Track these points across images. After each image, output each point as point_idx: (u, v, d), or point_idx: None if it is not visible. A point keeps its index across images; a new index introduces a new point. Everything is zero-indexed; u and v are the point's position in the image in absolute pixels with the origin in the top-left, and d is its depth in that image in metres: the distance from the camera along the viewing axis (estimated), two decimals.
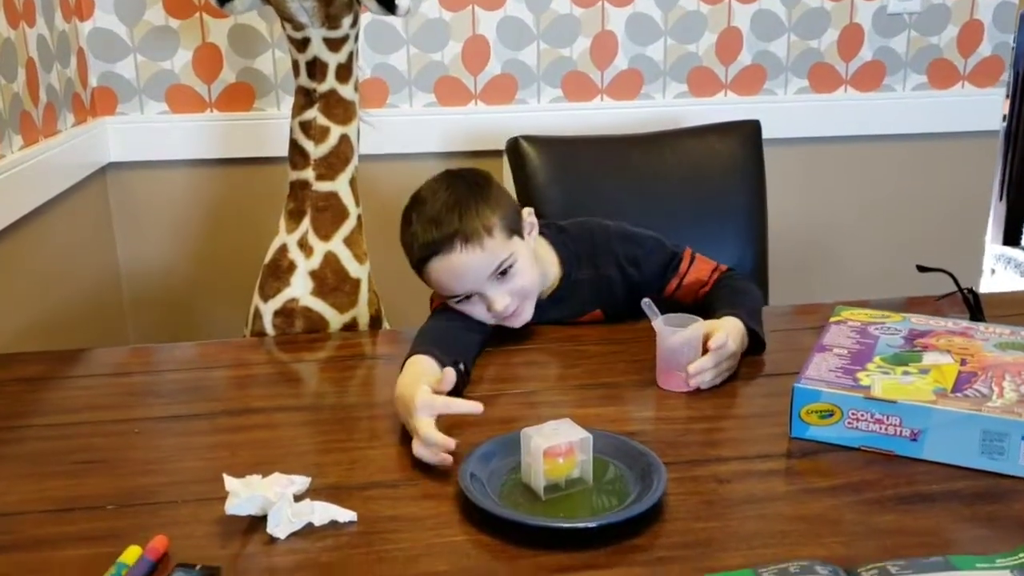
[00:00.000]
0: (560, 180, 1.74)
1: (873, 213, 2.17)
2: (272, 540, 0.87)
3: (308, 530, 0.88)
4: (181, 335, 2.03)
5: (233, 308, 1.71)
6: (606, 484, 0.94)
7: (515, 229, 1.28)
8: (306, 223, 1.44)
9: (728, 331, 1.17)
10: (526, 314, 1.32)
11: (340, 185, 1.45)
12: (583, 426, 0.97)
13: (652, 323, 1.16)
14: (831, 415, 1.02)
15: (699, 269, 1.39)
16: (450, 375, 1.04)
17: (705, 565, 0.82)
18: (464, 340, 1.25)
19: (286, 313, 1.43)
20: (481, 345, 1.29)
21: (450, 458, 0.97)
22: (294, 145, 1.46)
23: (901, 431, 0.99)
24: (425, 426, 0.98)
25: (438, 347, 1.17)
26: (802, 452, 1.02)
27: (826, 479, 0.97)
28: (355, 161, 1.47)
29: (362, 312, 1.47)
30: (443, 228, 1.21)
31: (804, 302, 1.56)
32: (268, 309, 1.44)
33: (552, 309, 1.38)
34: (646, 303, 1.16)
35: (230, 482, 0.89)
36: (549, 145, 1.75)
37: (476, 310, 1.28)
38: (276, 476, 0.94)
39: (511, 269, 1.26)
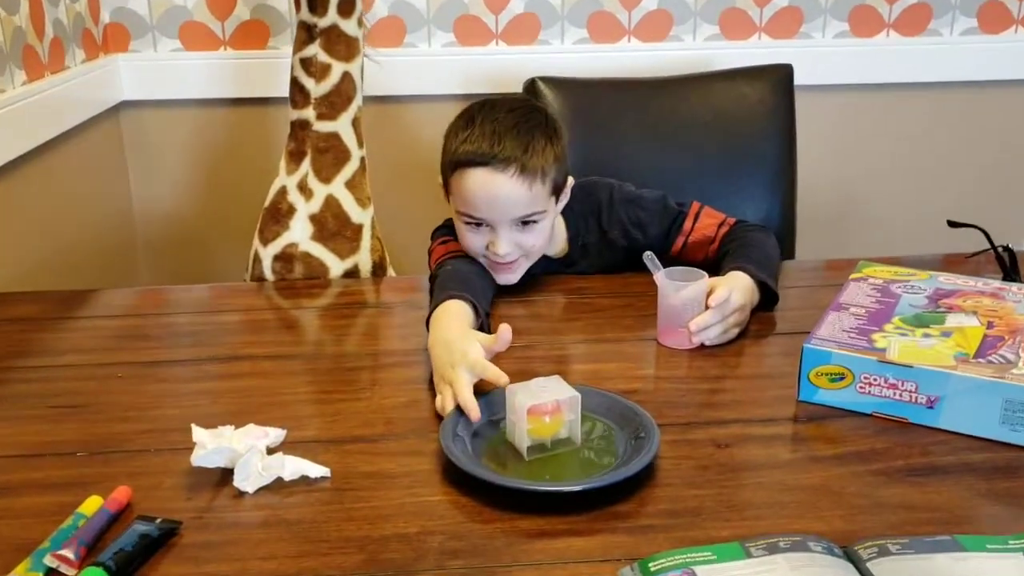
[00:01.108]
0: (579, 124, 1.65)
1: (913, 166, 2.06)
2: (240, 494, 0.83)
3: (279, 485, 0.85)
4: (195, 277, 2.01)
5: (248, 250, 1.68)
6: (595, 445, 0.89)
7: (558, 190, 1.23)
8: (306, 165, 1.39)
9: (733, 286, 1.11)
10: (515, 274, 1.26)
11: (342, 125, 1.39)
12: (576, 383, 0.91)
13: (654, 277, 1.10)
14: (842, 378, 0.96)
15: (705, 225, 1.32)
16: (505, 336, 0.96)
17: (691, 536, 0.77)
18: (485, 288, 1.20)
19: (285, 258, 1.39)
20: (493, 294, 1.25)
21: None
22: (294, 83, 1.40)
23: (917, 397, 0.93)
24: (465, 386, 0.93)
25: (471, 293, 1.12)
26: (809, 417, 0.96)
27: (833, 446, 0.91)
28: (358, 100, 1.41)
29: (364, 259, 1.42)
30: (506, 147, 1.16)
31: (834, 258, 1.47)
32: (267, 254, 1.39)
33: (564, 271, 1.34)
34: (648, 256, 1.10)
35: (198, 432, 0.86)
36: (568, 87, 1.68)
37: (475, 240, 1.22)
38: (250, 427, 0.90)
39: (534, 224, 1.21)
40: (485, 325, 1.11)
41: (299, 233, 1.38)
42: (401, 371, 1.08)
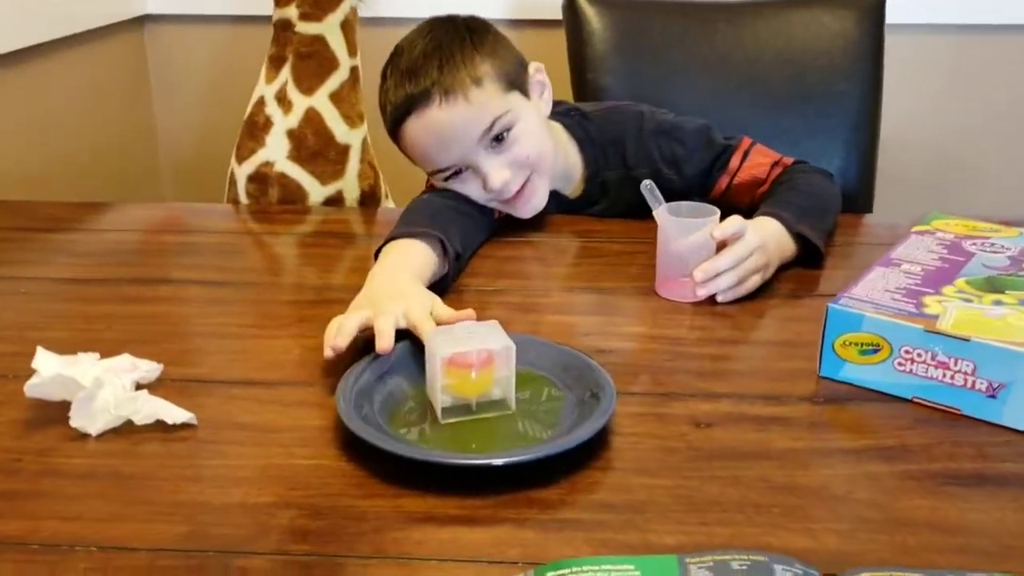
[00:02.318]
0: (624, 51, 1.44)
1: None
2: (83, 436, 0.67)
3: (132, 429, 0.68)
4: (219, 198, 1.89)
5: None
6: (537, 411, 0.70)
7: (515, 83, 1.02)
8: (286, 72, 1.21)
9: (757, 229, 0.89)
10: (537, 197, 1.06)
11: (328, 28, 1.21)
12: (542, 337, 0.73)
13: (654, 213, 0.88)
14: (877, 350, 0.73)
15: (756, 164, 1.10)
16: (468, 314, 0.77)
17: (622, 539, 0.57)
18: (463, 225, 1.00)
19: (259, 178, 1.22)
20: (483, 236, 1.05)
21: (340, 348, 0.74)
22: None
23: (974, 382, 0.69)
24: (389, 314, 0.75)
25: (439, 228, 0.93)
26: (829, 397, 0.74)
27: (852, 437, 0.69)
28: (351, 1, 1.23)
29: (350, 185, 1.24)
30: (418, 80, 0.97)
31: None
32: (242, 173, 1.23)
33: (580, 212, 1.14)
34: (647, 186, 0.89)
35: (42, 357, 0.70)
36: (615, 8, 1.46)
37: (470, 189, 1.03)
38: (122, 358, 0.74)
39: (509, 133, 1.00)
40: (452, 269, 0.93)
41: (275, 150, 1.21)
42: (341, 309, 0.90)
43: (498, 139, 1.00)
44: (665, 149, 1.11)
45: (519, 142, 1.00)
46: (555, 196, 1.11)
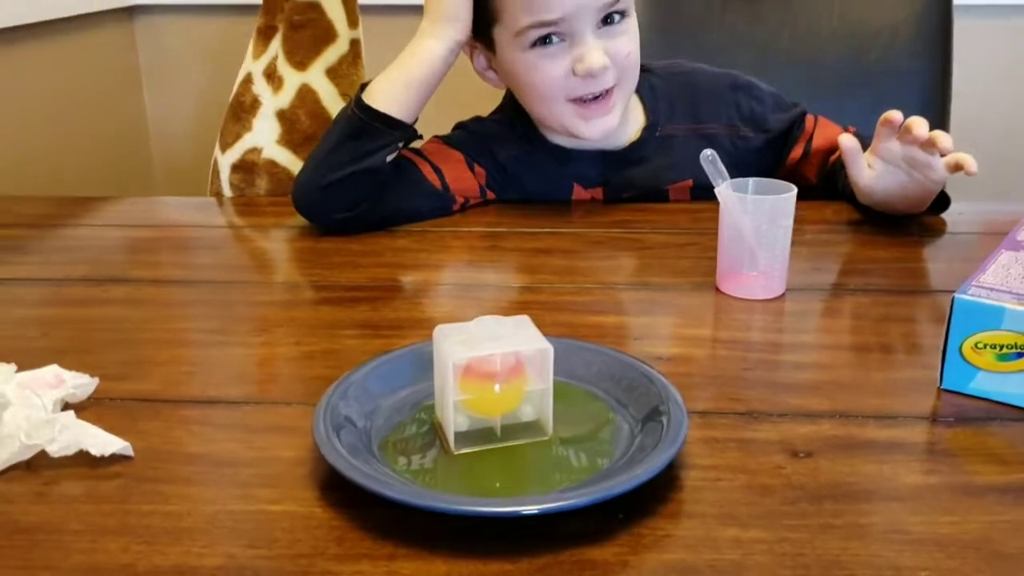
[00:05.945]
0: (660, 26, 1.28)
1: None
2: None
3: (50, 463, 0.52)
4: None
5: None
6: (580, 437, 0.53)
7: None
8: (276, 44, 1.05)
9: None
10: (613, 114, 0.91)
11: None
12: (564, 338, 0.55)
13: (716, 190, 0.71)
14: (1021, 355, 0.56)
15: (828, 128, 0.98)
16: None
17: None
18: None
19: (245, 167, 1.06)
20: (424, 204, 0.96)
21: None
22: None
23: None
24: None
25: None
26: (959, 416, 0.57)
27: (1002, 470, 0.52)
28: None
29: None
30: None
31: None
32: (226, 162, 1.07)
33: (628, 168, 0.98)
34: (708, 156, 0.72)
35: None
36: None
37: (554, 66, 0.88)
38: (46, 370, 0.58)
39: (623, 21, 0.89)
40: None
41: (263, 135, 1.05)
42: (330, 311, 0.73)
43: (608, 21, 0.87)
44: (744, 105, 1.00)
45: (625, 36, 0.89)
46: (600, 153, 0.97)
